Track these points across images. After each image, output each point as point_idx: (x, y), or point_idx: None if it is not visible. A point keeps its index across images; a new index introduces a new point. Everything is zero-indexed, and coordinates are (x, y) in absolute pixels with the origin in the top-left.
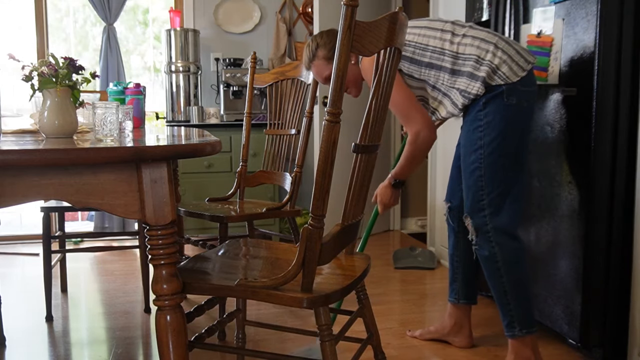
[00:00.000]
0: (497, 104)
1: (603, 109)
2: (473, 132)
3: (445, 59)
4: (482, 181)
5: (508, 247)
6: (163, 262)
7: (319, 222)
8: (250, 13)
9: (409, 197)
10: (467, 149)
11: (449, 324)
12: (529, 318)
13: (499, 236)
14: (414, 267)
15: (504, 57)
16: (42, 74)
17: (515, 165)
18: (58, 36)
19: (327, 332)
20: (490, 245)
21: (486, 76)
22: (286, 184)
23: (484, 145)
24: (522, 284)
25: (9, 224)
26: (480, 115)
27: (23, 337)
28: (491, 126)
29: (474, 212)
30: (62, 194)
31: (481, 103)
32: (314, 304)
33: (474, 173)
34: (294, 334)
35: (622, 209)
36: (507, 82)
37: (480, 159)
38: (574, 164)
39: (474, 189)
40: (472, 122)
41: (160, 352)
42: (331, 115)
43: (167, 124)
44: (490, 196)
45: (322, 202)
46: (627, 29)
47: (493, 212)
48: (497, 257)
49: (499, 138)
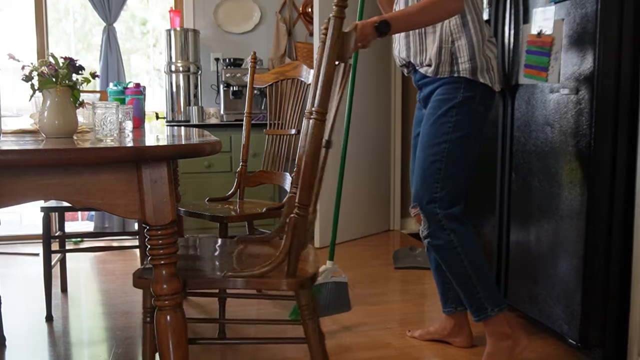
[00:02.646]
0: (470, 106)
1: (603, 109)
2: (440, 126)
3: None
4: (439, 174)
5: (462, 232)
6: (163, 262)
7: (305, 211)
8: (250, 13)
9: (409, 197)
10: (431, 141)
11: (449, 325)
12: (497, 296)
13: (452, 223)
14: (414, 267)
15: (497, 67)
16: (42, 74)
17: (471, 166)
18: (58, 36)
19: (309, 312)
20: (446, 233)
21: (479, 67)
22: (286, 184)
23: (449, 140)
24: (482, 265)
25: (9, 224)
26: (452, 112)
27: (23, 337)
28: (459, 125)
29: (425, 203)
30: (62, 194)
31: (456, 101)
32: (303, 286)
33: (433, 165)
34: (294, 333)
35: (622, 209)
36: (488, 85)
37: (443, 152)
38: (574, 164)
39: (430, 181)
40: (442, 116)
41: (160, 352)
42: (319, 114)
43: (167, 124)
44: (445, 190)
45: (308, 193)
46: (627, 29)
47: (444, 205)
48: (454, 244)
49: (464, 138)
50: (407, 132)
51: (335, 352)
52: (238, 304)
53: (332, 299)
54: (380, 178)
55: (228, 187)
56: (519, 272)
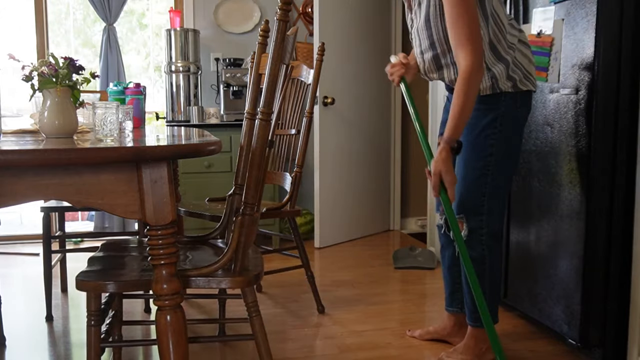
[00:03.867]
0: (513, 114)
1: (603, 109)
2: (485, 139)
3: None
4: (486, 187)
5: (496, 252)
6: (163, 262)
7: (253, 209)
8: (250, 13)
9: (409, 197)
10: (477, 154)
11: (450, 324)
12: (495, 312)
13: (491, 240)
14: (414, 267)
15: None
16: (42, 74)
17: (513, 174)
18: (58, 36)
19: (255, 309)
20: (482, 248)
21: (518, 79)
22: (286, 184)
23: (495, 153)
24: (497, 282)
25: (9, 224)
26: (496, 123)
27: (23, 337)
28: (505, 136)
29: (471, 215)
30: (62, 194)
31: (500, 111)
32: (251, 283)
33: (480, 179)
34: (294, 333)
35: (622, 208)
36: (531, 89)
37: (488, 166)
38: (574, 164)
39: (476, 194)
40: (486, 128)
41: (160, 351)
42: (265, 115)
43: (167, 124)
44: (491, 202)
45: (256, 192)
46: (627, 29)
47: (490, 218)
48: (485, 260)
49: (509, 150)
50: (407, 132)
51: (335, 352)
52: (238, 304)
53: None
54: (380, 178)
55: (228, 187)
56: (519, 272)
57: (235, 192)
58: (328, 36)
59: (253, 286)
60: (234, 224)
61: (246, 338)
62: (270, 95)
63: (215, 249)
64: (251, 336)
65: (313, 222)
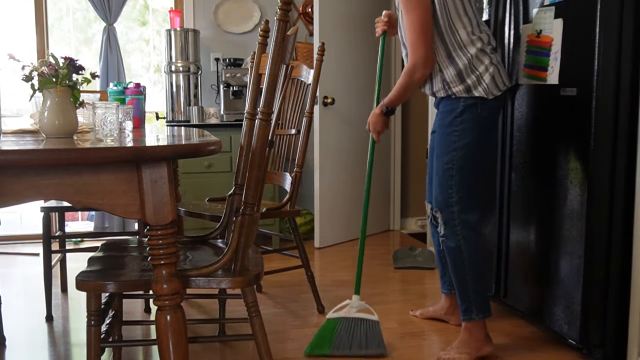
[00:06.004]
0: (472, 113)
1: (603, 109)
2: (448, 136)
3: (454, 41)
4: (452, 180)
5: (472, 241)
6: (163, 262)
7: (253, 209)
8: (250, 13)
9: (408, 197)
10: (442, 150)
11: (446, 305)
12: (485, 304)
13: (465, 230)
14: (414, 267)
15: (491, 74)
16: (42, 74)
17: (481, 169)
18: (58, 36)
19: (255, 309)
20: (457, 238)
21: (471, 84)
22: (286, 184)
23: (458, 148)
24: (482, 275)
25: (9, 224)
26: (457, 121)
27: (23, 337)
28: (465, 132)
29: (444, 207)
30: (62, 194)
31: (458, 110)
32: (251, 283)
33: (446, 172)
34: (294, 333)
35: (622, 209)
36: (483, 96)
37: (453, 160)
38: (574, 164)
39: (445, 187)
40: (449, 126)
41: (160, 351)
42: (265, 115)
43: (167, 124)
44: (459, 194)
45: (256, 192)
46: (627, 29)
47: (461, 209)
48: (462, 249)
49: (471, 144)
50: (407, 132)
51: None
52: (238, 304)
53: (362, 338)
54: (380, 178)
55: (228, 187)
56: (519, 272)
57: (235, 192)
58: (328, 36)
59: (253, 286)
60: (234, 224)
61: (246, 338)
62: (270, 95)
63: (215, 249)
64: (251, 336)
65: (313, 222)
